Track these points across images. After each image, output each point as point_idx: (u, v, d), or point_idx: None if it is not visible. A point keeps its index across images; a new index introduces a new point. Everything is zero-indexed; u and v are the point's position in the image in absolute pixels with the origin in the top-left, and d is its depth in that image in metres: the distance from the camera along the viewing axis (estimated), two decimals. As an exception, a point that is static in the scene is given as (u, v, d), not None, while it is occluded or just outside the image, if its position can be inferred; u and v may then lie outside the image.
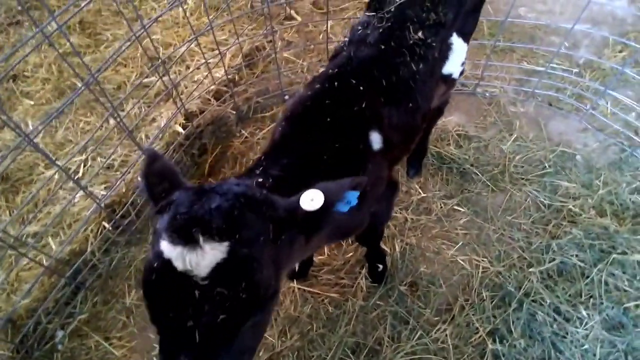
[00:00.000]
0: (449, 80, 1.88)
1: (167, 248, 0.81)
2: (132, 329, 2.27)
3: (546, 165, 2.68)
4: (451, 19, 1.69)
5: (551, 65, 3.05)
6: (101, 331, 2.26)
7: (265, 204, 0.94)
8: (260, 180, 1.19)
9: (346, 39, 1.71)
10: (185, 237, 0.81)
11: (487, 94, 3.07)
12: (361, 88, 1.46)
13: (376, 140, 1.46)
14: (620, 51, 3.20)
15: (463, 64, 1.91)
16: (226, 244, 0.81)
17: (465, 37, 1.86)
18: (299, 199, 0.97)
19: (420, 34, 1.59)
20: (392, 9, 1.61)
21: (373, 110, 1.46)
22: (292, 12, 3.58)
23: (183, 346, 0.79)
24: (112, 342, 2.23)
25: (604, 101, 2.90)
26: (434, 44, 1.63)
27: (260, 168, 1.26)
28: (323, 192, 0.97)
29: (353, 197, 1.05)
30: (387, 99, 1.51)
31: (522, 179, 2.64)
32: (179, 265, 0.79)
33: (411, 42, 1.59)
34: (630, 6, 3.60)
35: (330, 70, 1.54)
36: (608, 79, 2.88)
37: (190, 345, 0.78)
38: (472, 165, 2.70)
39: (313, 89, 1.48)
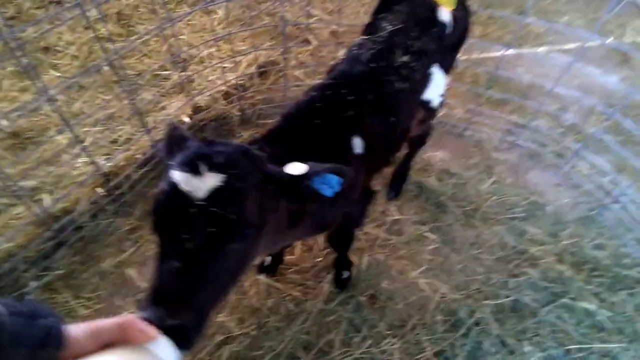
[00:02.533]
0: (428, 108, 2.09)
1: (176, 174, 1.02)
2: (102, 293, 2.38)
3: (517, 210, 2.83)
4: (432, 49, 1.93)
5: (537, 121, 3.28)
6: (73, 289, 2.37)
7: (258, 158, 1.16)
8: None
9: (343, 56, 1.95)
10: (192, 167, 1.01)
11: (475, 138, 3.28)
12: (350, 98, 1.66)
13: (358, 145, 1.65)
14: (606, 119, 3.41)
15: (442, 95, 2.13)
16: (222, 175, 1.01)
17: (445, 69, 2.09)
18: (286, 167, 1.18)
19: (405, 57, 1.83)
20: (384, 35, 1.86)
21: (358, 118, 1.66)
22: (311, 37, 3.89)
23: (177, 254, 0.96)
24: (80, 302, 2.34)
25: (582, 162, 3.08)
26: (416, 68, 1.86)
27: (261, 143, 1.44)
28: (308, 165, 1.18)
29: (336, 182, 1.21)
30: (372, 110, 1.71)
31: (493, 219, 2.79)
32: (183, 186, 0.99)
33: (397, 64, 1.81)
34: (620, 82, 3.86)
35: (326, 82, 1.75)
36: (588, 142, 3.08)
37: (182, 253, 0.95)
38: (448, 198, 2.86)
39: (309, 95, 1.69)
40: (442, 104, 2.22)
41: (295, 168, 1.17)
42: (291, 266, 2.52)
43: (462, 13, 2.11)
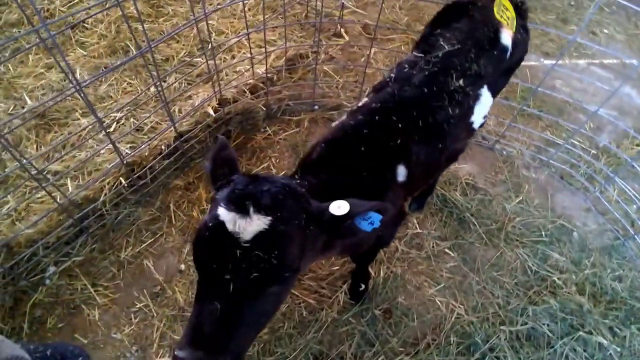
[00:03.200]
0: (470, 129, 2.01)
1: (223, 212, 1.01)
2: (119, 282, 2.40)
3: (543, 233, 2.77)
4: (489, 73, 1.82)
5: (571, 140, 3.16)
6: (91, 276, 2.39)
7: (303, 197, 1.15)
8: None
9: (392, 74, 1.82)
10: (239, 206, 1.01)
11: (504, 152, 3.18)
12: (399, 125, 1.59)
13: (402, 173, 1.59)
14: (638, 145, 3.29)
15: (485, 117, 2.03)
16: (269, 218, 1.00)
17: (494, 92, 1.99)
18: (329, 204, 1.16)
19: (461, 81, 1.72)
20: (439, 55, 1.75)
21: (405, 146, 1.59)
22: (342, 30, 3.76)
23: (217, 294, 0.96)
24: (98, 290, 2.36)
25: (612, 187, 2.98)
26: (470, 93, 1.76)
27: (298, 175, 1.42)
28: (349, 203, 1.15)
29: (376, 219, 1.20)
30: (420, 138, 1.64)
31: (517, 240, 2.73)
32: (230, 226, 0.99)
33: (452, 88, 1.72)
34: (659, 105, 3.70)
35: (374, 104, 1.66)
36: (620, 167, 2.97)
37: (223, 294, 0.96)
38: (472, 215, 2.80)
39: (355, 118, 1.61)
40: (482, 125, 2.13)
41: (338, 206, 1.14)
42: (308, 273, 2.51)
43: (523, 36, 1.99)
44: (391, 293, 2.47)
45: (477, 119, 1.96)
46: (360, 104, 1.74)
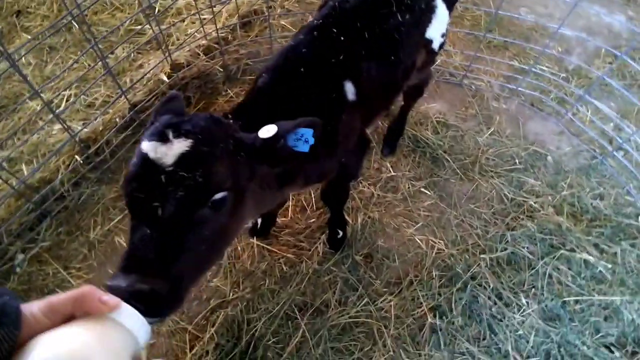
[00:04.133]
0: (429, 49, 1.91)
1: (144, 144, 1.00)
2: (91, 263, 2.34)
3: (517, 161, 2.73)
4: None
5: (539, 66, 3.09)
6: (61, 260, 2.33)
7: (229, 126, 1.12)
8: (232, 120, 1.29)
9: None
10: (159, 135, 0.99)
11: (473, 87, 3.11)
12: (342, 39, 1.49)
13: (350, 91, 1.51)
14: (610, 63, 3.23)
15: (444, 35, 1.93)
16: (190, 140, 0.98)
17: (449, 5, 1.89)
18: (258, 131, 1.13)
19: None
20: None
21: (351, 62, 1.51)
22: (296, -19, 3.59)
23: (149, 224, 0.93)
24: (71, 272, 2.30)
25: (585, 108, 2.94)
26: None
27: (232, 115, 1.34)
28: (277, 125, 1.11)
29: (309, 134, 1.15)
30: (368, 51, 1.54)
31: (492, 171, 2.69)
32: (152, 155, 0.96)
33: None
34: (627, 22, 3.62)
35: (315, 21, 1.57)
36: (592, 86, 2.92)
37: (154, 222, 0.92)
38: (445, 152, 2.76)
39: (296, 39, 1.53)
40: (442, 47, 2.03)
41: (266, 131, 1.11)
42: (284, 228, 2.47)
43: None
44: (370, 238, 2.44)
45: (435, 35, 1.86)
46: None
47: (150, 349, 2.10)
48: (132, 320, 0.68)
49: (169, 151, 0.96)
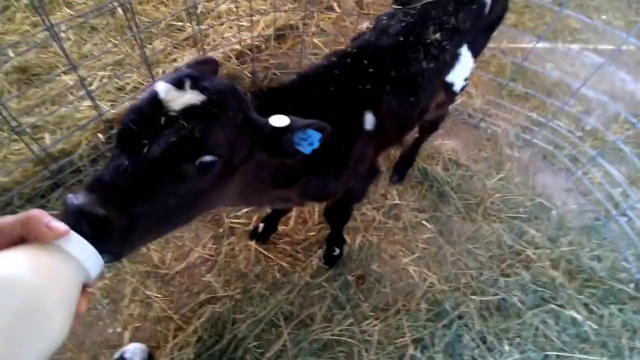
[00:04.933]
0: (449, 91, 1.99)
1: (159, 84, 1.01)
2: (94, 238, 2.40)
3: (521, 210, 2.76)
4: (467, 28, 1.81)
5: (557, 122, 3.15)
6: (66, 231, 2.39)
7: (245, 101, 1.12)
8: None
9: (370, 25, 1.84)
10: (177, 81, 1.01)
11: (489, 131, 3.17)
12: (370, 70, 1.57)
13: (369, 121, 1.57)
14: (628, 129, 3.28)
15: (466, 79, 2.01)
16: (203, 97, 0.99)
17: (474, 52, 1.97)
18: (270, 117, 1.14)
19: (438, 35, 1.71)
20: (418, 6, 1.74)
21: (375, 93, 1.58)
22: (335, 3, 3.73)
23: (130, 155, 0.90)
24: (73, 244, 2.36)
25: (596, 169, 2.98)
26: (447, 47, 1.75)
27: (255, 96, 1.33)
28: (289, 118, 1.13)
29: (316, 138, 1.17)
30: (392, 88, 1.62)
31: (495, 216, 2.73)
32: (162, 95, 0.97)
33: (428, 40, 1.71)
34: (651, 91, 3.68)
35: (349, 49, 1.66)
36: (605, 148, 2.96)
37: (136, 156, 0.90)
38: (452, 189, 2.80)
39: (329, 60, 1.60)
40: (463, 89, 2.12)
41: (278, 120, 1.12)
42: (283, 236, 2.51)
43: None
44: (365, 260, 2.48)
45: (457, 80, 1.95)
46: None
47: (134, 332, 2.15)
48: (79, 249, 0.65)
49: (180, 98, 0.97)
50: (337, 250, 2.39)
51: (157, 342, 2.10)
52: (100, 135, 2.45)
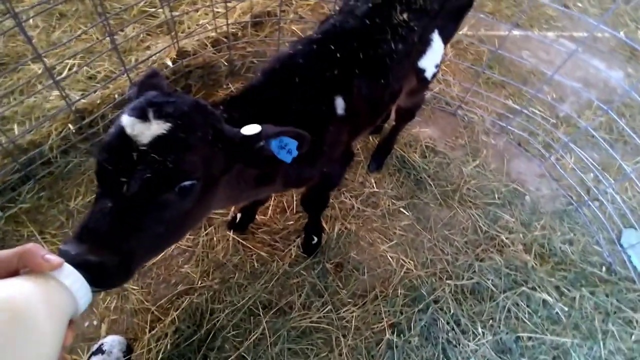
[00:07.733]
0: (421, 78, 1.99)
1: (124, 118, 1.00)
2: (67, 231, 2.36)
3: (496, 196, 2.82)
4: (435, 10, 1.81)
5: (532, 109, 3.20)
6: (38, 224, 2.35)
7: (213, 115, 1.11)
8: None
9: (337, 8, 1.82)
10: (140, 112, 1.00)
11: (466, 118, 3.21)
12: (338, 55, 1.56)
13: (340, 106, 1.57)
14: (600, 116, 3.36)
15: (437, 66, 2.02)
16: (169, 124, 0.99)
17: (445, 38, 1.98)
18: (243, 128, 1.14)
19: (405, 15, 1.70)
20: None
21: (344, 77, 1.57)
22: (313, -10, 3.67)
23: (112, 196, 0.93)
24: (45, 237, 2.32)
25: (569, 155, 3.05)
26: (415, 28, 1.74)
27: (222, 107, 1.34)
28: (261, 127, 1.13)
29: (293, 146, 1.17)
30: (361, 71, 1.61)
31: (471, 202, 2.78)
32: (128, 130, 0.97)
33: (395, 21, 1.70)
34: (624, 78, 3.76)
35: (314, 35, 1.64)
36: (577, 135, 3.03)
37: (117, 196, 0.93)
38: (429, 176, 2.84)
39: (294, 48, 1.58)
40: (435, 76, 2.12)
41: (250, 129, 1.12)
42: (262, 226, 2.51)
43: None
44: (344, 248, 2.50)
45: (428, 66, 1.95)
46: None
47: (111, 324, 2.13)
48: (72, 280, 0.68)
49: (146, 131, 0.97)
50: (316, 239, 2.41)
51: (135, 334, 2.09)
52: (70, 125, 2.39)
